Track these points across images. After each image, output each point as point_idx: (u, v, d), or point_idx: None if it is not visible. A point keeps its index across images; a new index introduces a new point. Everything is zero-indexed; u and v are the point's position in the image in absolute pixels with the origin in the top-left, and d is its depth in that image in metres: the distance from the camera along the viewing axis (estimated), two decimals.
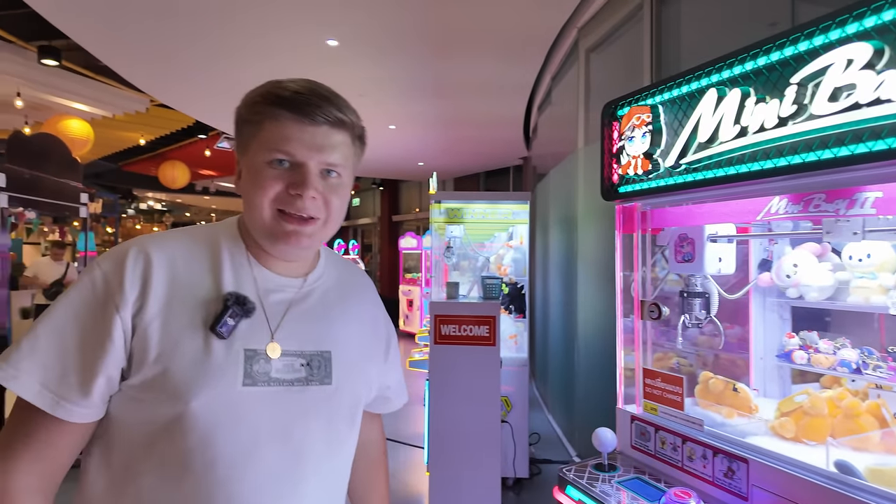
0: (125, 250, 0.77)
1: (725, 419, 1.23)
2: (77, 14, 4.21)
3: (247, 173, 0.79)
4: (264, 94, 0.78)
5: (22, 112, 7.09)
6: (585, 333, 3.67)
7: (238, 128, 0.81)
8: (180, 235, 0.82)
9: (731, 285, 1.47)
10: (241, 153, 0.81)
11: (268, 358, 0.78)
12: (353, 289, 0.94)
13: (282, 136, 0.75)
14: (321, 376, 0.81)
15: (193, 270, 0.78)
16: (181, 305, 0.75)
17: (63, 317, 0.74)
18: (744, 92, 0.90)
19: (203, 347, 0.74)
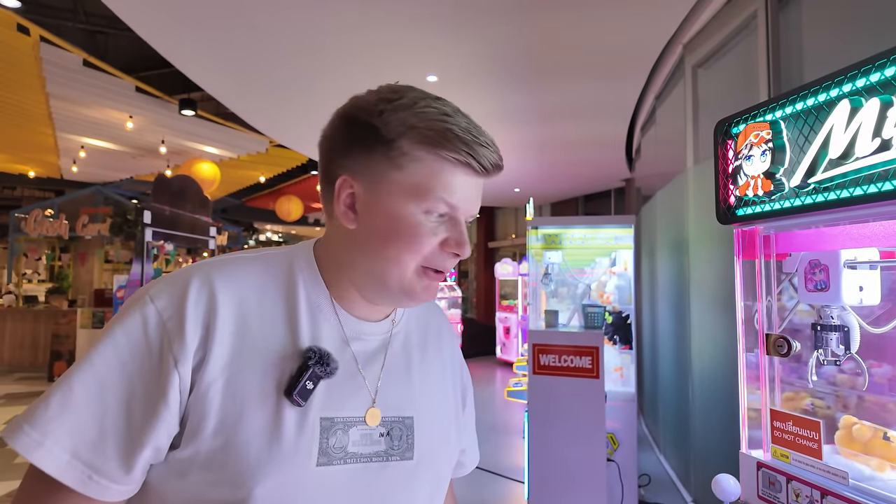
0: (186, 281, 0.61)
1: (875, 472, 1.07)
2: (211, 69, 4.76)
3: (383, 215, 0.62)
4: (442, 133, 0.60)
5: (165, 157, 8.07)
6: (701, 368, 3.40)
7: (362, 143, 0.62)
8: (250, 264, 0.66)
9: (877, 317, 1.29)
10: (367, 180, 0.63)
11: (347, 427, 0.63)
12: (433, 327, 0.79)
13: (450, 186, 0.61)
14: (402, 449, 0.66)
15: (266, 313, 0.62)
16: (250, 360, 0.60)
17: (105, 364, 0.57)
18: (884, 101, 0.80)
19: (273, 418, 0.59)
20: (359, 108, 0.64)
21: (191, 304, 0.59)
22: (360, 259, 0.64)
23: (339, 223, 0.65)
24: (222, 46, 4.28)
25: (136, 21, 3.94)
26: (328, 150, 0.67)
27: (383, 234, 0.62)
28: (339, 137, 0.65)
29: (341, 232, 0.66)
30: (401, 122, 0.61)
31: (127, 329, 0.58)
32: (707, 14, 3.58)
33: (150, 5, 3.68)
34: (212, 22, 3.88)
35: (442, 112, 0.62)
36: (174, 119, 6.69)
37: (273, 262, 0.67)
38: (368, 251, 0.63)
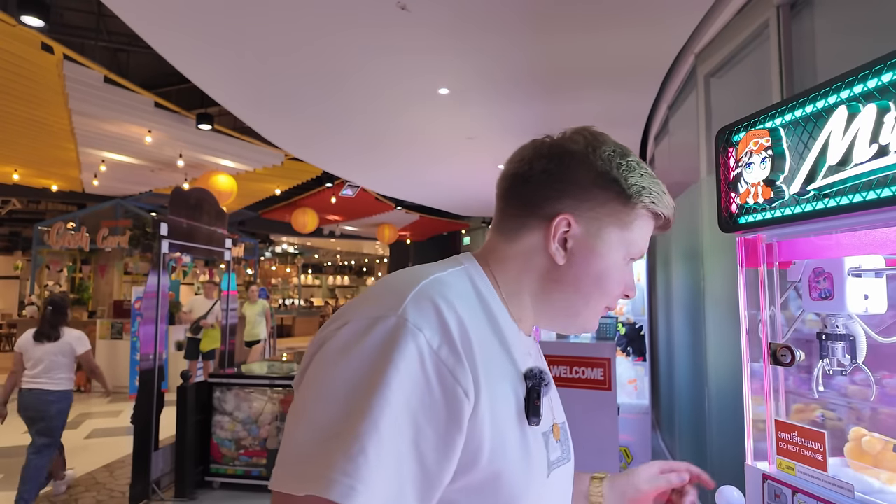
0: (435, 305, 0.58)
1: (884, 485, 1.04)
2: (227, 86, 4.86)
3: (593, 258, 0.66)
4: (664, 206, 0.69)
5: (183, 171, 8.23)
6: (717, 380, 3.35)
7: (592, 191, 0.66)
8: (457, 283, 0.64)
9: (887, 326, 1.26)
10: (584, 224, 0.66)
11: (548, 436, 0.66)
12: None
13: (644, 241, 0.69)
14: (567, 451, 0.71)
15: (487, 337, 0.62)
16: (496, 384, 0.59)
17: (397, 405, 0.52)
18: (881, 107, 0.80)
19: (522, 439, 0.60)
20: (596, 156, 0.67)
21: (454, 329, 0.57)
22: (559, 294, 0.68)
23: (534, 254, 0.68)
24: (239, 64, 4.38)
25: (156, 39, 4.05)
26: (545, 183, 0.68)
27: (593, 277, 0.67)
28: (569, 178, 0.67)
29: (538, 264, 0.68)
30: (639, 185, 0.67)
31: (407, 360, 0.53)
32: (719, 23, 3.57)
33: (169, 25, 3.79)
34: (228, 41, 3.97)
35: (656, 178, 0.70)
36: (191, 133, 6.83)
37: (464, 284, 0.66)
38: (573, 289, 0.67)
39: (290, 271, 20.19)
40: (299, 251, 21.13)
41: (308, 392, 0.55)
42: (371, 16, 3.56)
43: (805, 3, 2.82)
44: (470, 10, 3.49)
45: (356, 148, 6.75)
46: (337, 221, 13.83)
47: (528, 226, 0.68)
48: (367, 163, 7.55)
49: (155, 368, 4.22)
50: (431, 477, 0.53)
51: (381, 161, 7.42)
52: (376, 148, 6.75)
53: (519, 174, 0.69)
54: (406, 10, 3.46)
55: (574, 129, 0.70)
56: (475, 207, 11.39)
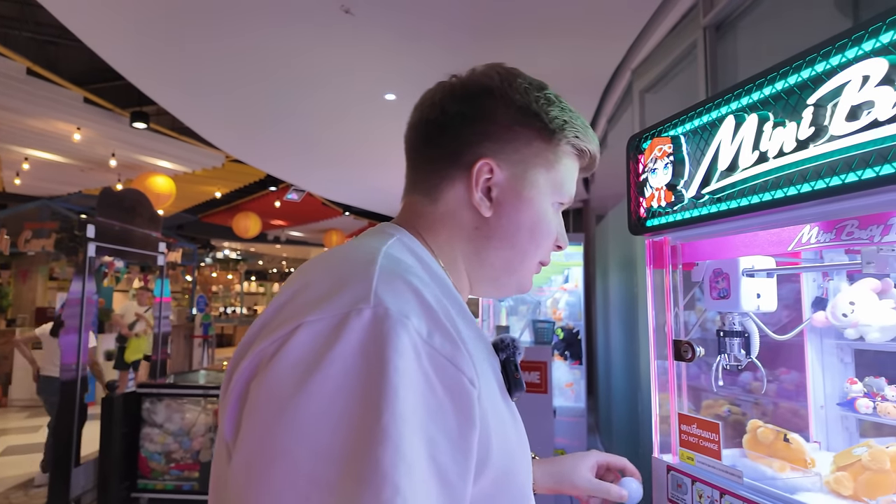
0: (416, 291, 0.47)
1: (776, 473, 1.11)
2: (165, 83, 4.68)
3: (521, 207, 0.59)
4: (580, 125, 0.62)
5: (116, 171, 7.85)
6: (650, 381, 3.47)
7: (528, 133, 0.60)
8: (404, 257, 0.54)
9: (784, 324, 1.36)
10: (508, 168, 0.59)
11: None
12: None
13: (571, 182, 0.63)
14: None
15: (455, 313, 0.51)
16: (484, 370, 0.51)
17: (408, 414, 0.40)
18: (761, 117, 0.86)
19: (512, 419, 0.54)
20: (513, 90, 0.60)
21: (439, 312, 0.46)
22: (492, 252, 0.60)
23: (461, 211, 0.60)
24: (177, 62, 4.23)
25: (86, 32, 3.86)
26: (461, 127, 0.59)
27: (526, 227, 0.60)
28: (487, 118, 0.59)
29: (465, 221, 0.60)
30: (560, 119, 0.60)
31: (401, 362, 0.41)
32: (653, 41, 3.74)
33: (100, 17, 3.62)
34: (166, 37, 3.83)
35: (575, 111, 0.63)
36: (125, 132, 6.53)
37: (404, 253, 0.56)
38: (507, 244, 0.60)
39: (232, 278, 19.53)
40: (242, 257, 20.49)
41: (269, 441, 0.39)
42: (315, 17, 3.53)
43: (729, 26, 3.01)
44: (413, 19, 3.52)
45: (301, 151, 6.64)
46: (282, 227, 13.52)
47: (449, 178, 0.60)
48: (313, 167, 7.44)
49: (78, 379, 3.99)
50: (457, 493, 0.42)
51: (328, 165, 7.33)
52: (322, 152, 6.66)
53: (431, 120, 0.61)
54: (350, 13, 3.45)
55: (485, 65, 0.63)
56: None
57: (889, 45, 0.68)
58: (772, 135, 0.83)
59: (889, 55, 0.68)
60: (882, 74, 0.67)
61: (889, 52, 0.68)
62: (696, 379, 1.54)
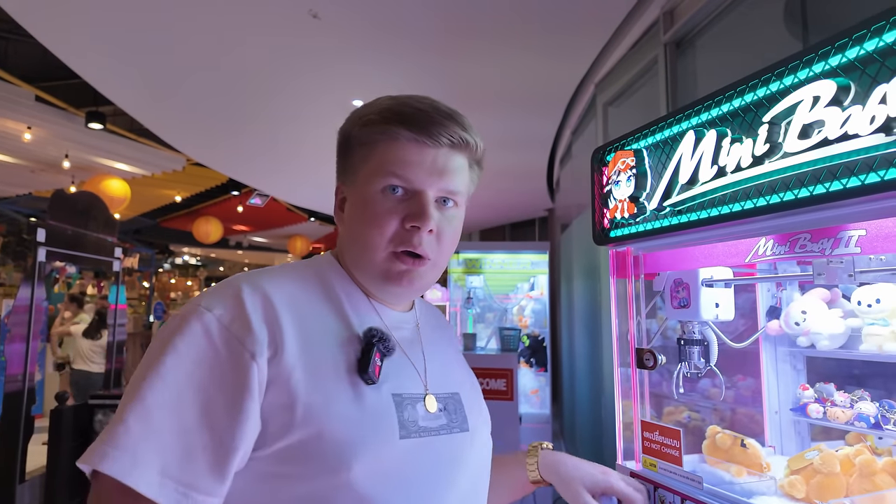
0: (236, 288, 0.63)
1: (734, 477, 1.15)
2: (123, 83, 4.54)
3: (355, 204, 0.69)
4: (383, 111, 0.68)
5: (69, 172, 7.55)
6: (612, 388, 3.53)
7: (344, 150, 0.71)
8: (286, 273, 0.70)
9: (741, 333, 1.41)
10: (348, 181, 0.71)
11: (413, 403, 0.67)
12: (440, 320, 0.89)
13: (399, 159, 0.66)
14: (459, 421, 0.72)
15: (316, 309, 0.66)
16: (318, 350, 0.62)
17: (174, 378, 0.56)
18: (720, 132, 0.90)
19: (355, 398, 0.61)
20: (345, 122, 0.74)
21: (249, 305, 0.61)
22: (350, 253, 0.71)
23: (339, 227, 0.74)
24: (136, 61, 4.11)
25: (38, 27, 3.71)
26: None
27: (354, 220, 0.69)
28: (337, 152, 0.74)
29: (341, 234, 0.73)
30: (358, 118, 0.70)
31: (188, 340, 0.58)
32: (616, 56, 3.84)
33: (54, 12, 3.48)
34: (125, 35, 3.72)
35: (391, 98, 0.70)
36: (80, 132, 6.29)
37: (303, 270, 0.72)
38: (351, 242, 0.70)
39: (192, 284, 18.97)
40: (202, 263, 19.95)
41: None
42: (282, 21, 3.48)
43: (689, 43, 3.12)
44: (381, 26, 3.52)
45: (266, 156, 6.53)
46: (244, 232, 13.24)
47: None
48: (278, 171, 7.32)
49: (24, 391, 3.79)
50: (226, 442, 0.56)
51: (293, 170, 7.22)
52: (287, 157, 6.57)
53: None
54: (318, 18, 3.42)
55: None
56: None
57: (837, 68, 0.72)
58: (730, 150, 0.87)
59: (837, 77, 0.72)
60: (831, 96, 0.71)
61: (837, 75, 0.72)
62: (657, 386, 1.58)
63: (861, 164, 0.68)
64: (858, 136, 0.67)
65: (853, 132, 0.67)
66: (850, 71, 0.70)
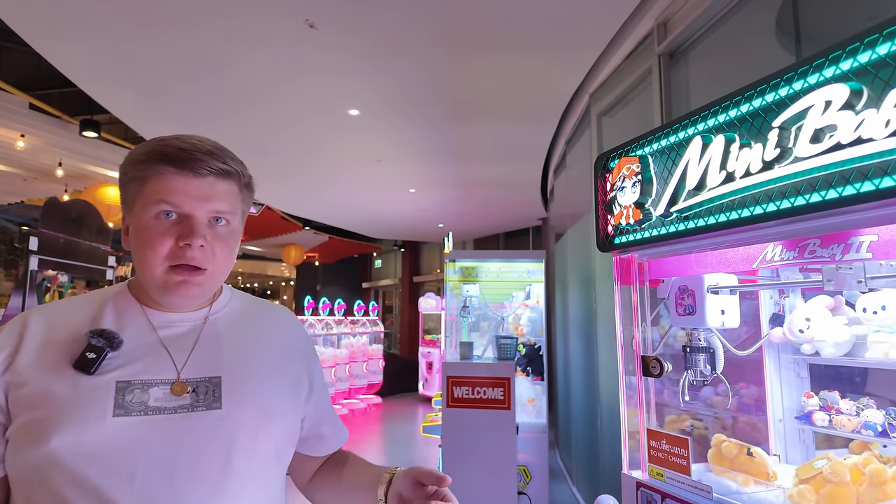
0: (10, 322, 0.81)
1: (741, 487, 1.13)
2: (118, 92, 4.51)
3: (135, 231, 0.80)
4: (148, 153, 0.79)
5: (62, 181, 7.49)
6: (609, 397, 3.52)
7: (123, 186, 0.82)
8: (69, 299, 0.87)
9: (744, 340, 1.40)
10: (128, 211, 0.82)
11: (147, 387, 0.77)
12: (272, 323, 0.94)
13: (167, 189, 0.77)
14: (209, 401, 0.80)
15: (71, 322, 0.80)
16: (53, 353, 0.77)
17: None
18: (728, 138, 0.89)
19: (70, 386, 0.74)
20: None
21: (6, 329, 0.78)
22: (139, 273, 0.81)
23: None
24: (132, 70, 4.09)
25: (33, 35, 3.69)
26: None
27: (136, 244, 0.79)
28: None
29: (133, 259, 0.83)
30: (130, 159, 0.81)
31: None
32: (610, 67, 3.86)
33: (50, 19, 3.47)
34: (120, 45, 3.70)
35: (161, 141, 0.80)
36: (74, 141, 6.25)
37: (93, 294, 0.86)
38: (137, 264, 0.81)
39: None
40: None
41: None
42: (279, 31, 3.48)
43: (682, 54, 3.14)
44: (378, 36, 3.52)
45: (261, 164, 6.50)
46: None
47: None
48: (273, 180, 7.30)
49: None
50: None
51: (288, 179, 7.20)
52: (283, 165, 6.55)
53: None
54: (315, 28, 3.42)
55: None
56: (386, 230, 11.34)
57: (849, 72, 0.72)
58: (738, 155, 0.86)
59: (849, 81, 0.71)
60: (843, 100, 0.71)
61: (849, 79, 0.72)
62: (658, 394, 1.57)
63: (875, 169, 0.67)
64: (873, 139, 0.66)
65: (867, 136, 0.67)
66: (863, 75, 0.69)
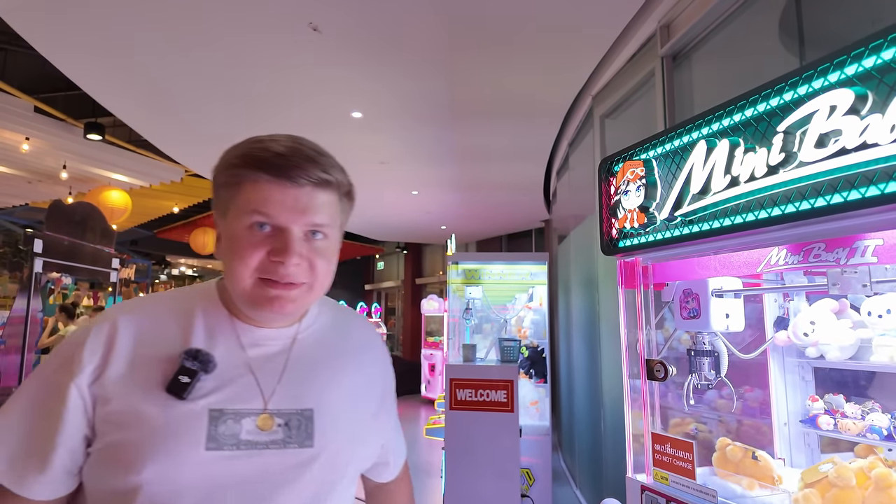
0: (93, 322, 0.76)
1: (746, 491, 1.13)
2: (123, 94, 4.53)
3: (226, 239, 0.75)
4: (243, 156, 0.73)
5: (67, 184, 7.52)
6: (612, 400, 3.51)
7: (215, 191, 0.77)
8: (152, 300, 0.81)
9: (748, 344, 1.40)
10: (220, 217, 0.77)
11: (239, 417, 0.71)
12: (356, 337, 0.88)
13: (261, 198, 0.71)
14: (301, 437, 0.74)
15: (161, 336, 0.74)
16: (144, 368, 0.71)
17: (27, 394, 0.72)
18: (732, 142, 0.89)
19: (161, 410, 0.69)
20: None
21: (92, 334, 0.72)
22: (227, 282, 0.76)
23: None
24: (137, 73, 4.11)
25: (38, 38, 3.71)
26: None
27: (226, 254, 0.74)
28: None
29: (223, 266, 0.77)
30: (223, 162, 0.75)
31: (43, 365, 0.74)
32: (613, 69, 3.86)
33: (54, 22, 3.49)
34: (125, 48, 3.72)
35: (257, 142, 0.74)
36: (78, 143, 6.27)
37: (176, 295, 0.81)
38: (226, 274, 0.75)
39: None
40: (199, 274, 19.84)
41: None
42: (282, 34, 3.49)
43: (685, 56, 3.14)
44: (381, 39, 3.53)
45: None
46: None
47: None
48: None
49: None
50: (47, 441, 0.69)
51: None
52: None
53: None
54: (318, 31, 3.43)
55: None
56: (389, 232, 11.35)
57: (854, 77, 0.72)
58: (743, 160, 0.86)
59: (854, 86, 0.71)
60: (848, 105, 0.71)
61: (854, 84, 0.72)
62: (662, 397, 1.56)
63: (880, 173, 0.67)
64: (878, 144, 0.66)
65: (872, 141, 0.67)
66: (868, 80, 0.69)
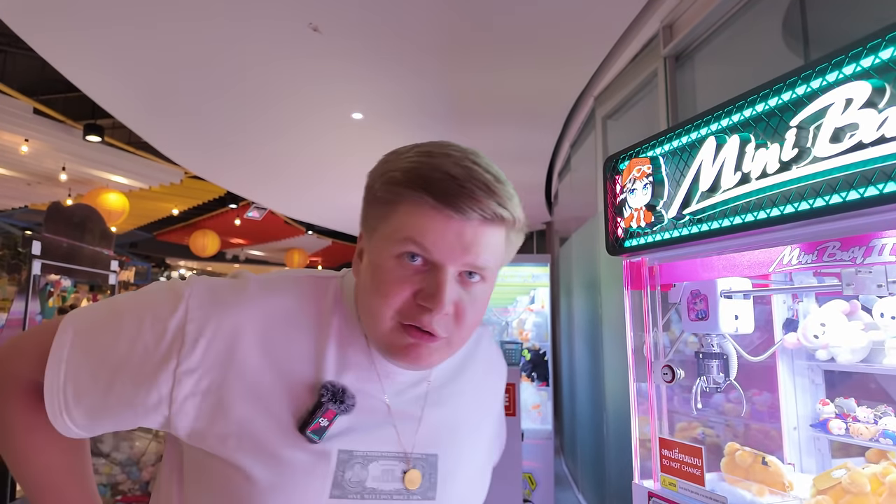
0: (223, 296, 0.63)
1: (756, 497, 1.10)
2: (122, 96, 4.52)
3: (370, 263, 0.63)
4: (408, 173, 0.59)
5: (66, 185, 7.50)
6: (615, 403, 3.48)
7: (367, 200, 0.64)
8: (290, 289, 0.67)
9: (756, 346, 1.37)
10: (367, 233, 0.65)
11: (365, 462, 0.62)
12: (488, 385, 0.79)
13: (419, 225, 0.58)
14: (424, 488, 0.65)
15: (293, 340, 0.64)
16: (269, 390, 0.61)
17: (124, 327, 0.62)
18: (743, 138, 0.87)
19: (291, 452, 0.60)
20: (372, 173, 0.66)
21: (216, 314, 0.61)
22: (361, 309, 0.65)
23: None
24: (136, 75, 4.09)
25: (37, 40, 3.70)
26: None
27: (367, 280, 0.63)
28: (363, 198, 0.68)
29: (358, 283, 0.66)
30: (383, 173, 0.62)
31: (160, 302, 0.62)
32: (615, 70, 3.84)
33: (54, 25, 3.47)
34: (126, 49, 3.70)
35: (425, 153, 0.60)
36: (77, 145, 6.25)
37: (316, 287, 0.68)
38: (362, 300, 0.64)
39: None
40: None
41: None
42: (282, 34, 3.47)
43: (687, 57, 3.12)
44: (383, 39, 3.51)
45: (264, 169, 6.50)
46: (241, 245, 13.18)
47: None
48: (276, 184, 7.30)
49: None
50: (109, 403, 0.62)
51: (291, 183, 7.20)
52: (286, 170, 6.54)
53: None
54: (318, 31, 3.41)
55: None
56: None
57: (870, 69, 0.69)
58: (754, 156, 0.84)
59: (871, 79, 0.69)
60: (865, 98, 0.68)
61: (870, 76, 0.69)
62: (668, 401, 1.54)
63: None
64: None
65: (891, 135, 0.64)
66: (885, 72, 0.67)
